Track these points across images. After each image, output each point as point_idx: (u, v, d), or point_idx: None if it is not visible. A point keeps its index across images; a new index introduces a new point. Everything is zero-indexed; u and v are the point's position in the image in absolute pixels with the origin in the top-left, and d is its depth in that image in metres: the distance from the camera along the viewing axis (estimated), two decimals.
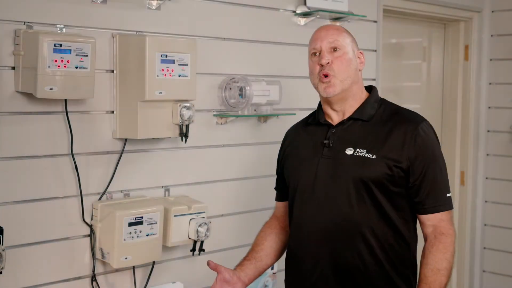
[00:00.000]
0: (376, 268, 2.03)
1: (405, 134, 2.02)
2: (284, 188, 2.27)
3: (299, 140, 2.23)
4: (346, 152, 2.05)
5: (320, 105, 2.20)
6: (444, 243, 2.01)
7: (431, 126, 2.10)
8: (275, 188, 2.37)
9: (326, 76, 2.05)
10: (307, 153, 2.14)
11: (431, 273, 1.98)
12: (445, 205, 2.05)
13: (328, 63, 2.06)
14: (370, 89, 2.19)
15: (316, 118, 2.18)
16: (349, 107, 2.11)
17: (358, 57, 2.13)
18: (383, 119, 2.09)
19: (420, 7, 3.89)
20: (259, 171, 3.02)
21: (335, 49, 2.07)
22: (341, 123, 2.12)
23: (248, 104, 2.77)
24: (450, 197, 2.07)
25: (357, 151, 2.04)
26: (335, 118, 2.13)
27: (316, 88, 2.11)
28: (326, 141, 2.10)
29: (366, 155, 2.02)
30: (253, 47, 2.96)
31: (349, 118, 2.11)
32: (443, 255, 2.00)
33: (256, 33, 2.96)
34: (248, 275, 2.19)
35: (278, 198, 2.36)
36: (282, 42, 3.07)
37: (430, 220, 2.04)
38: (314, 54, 2.11)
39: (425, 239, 2.06)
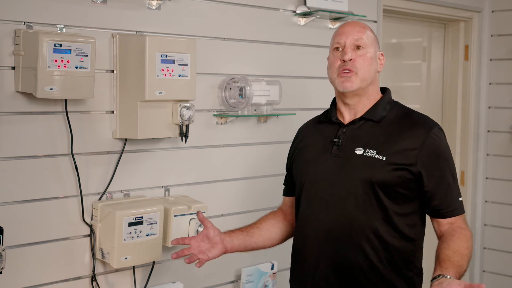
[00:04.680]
0: (379, 270, 2.02)
1: (417, 138, 2.01)
2: (291, 184, 2.27)
3: (309, 137, 2.23)
4: (356, 152, 2.05)
5: (333, 103, 2.19)
6: (465, 236, 2.00)
7: (442, 130, 2.09)
8: (284, 183, 2.37)
9: (347, 71, 2.05)
10: (316, 151, 2.14)
11: (454, 254, 1.92)
12: (459, 209, 2.06)
13: (351, 59, 2.05)
14: (384, 90, 2.18)
15: (328, 116, 2.18)
16: (362, 107, 2.11)
17: (379, 59, 2.13)
18: (394, 121, 2.08)
19: (420, 7, 3.89)
20: (259, 171, 3.02)
21: (358, 47, 2.06)
22: (352, 122, 2.11)
23: (248, 104, 2.77)
24: (462, 201, 2.08)
25: (367, 152, 2.03)
26: (346, 117, 2.13)
27: (333, 82, 2.10)
28: (336, 140, 2.10)
29: (376, 156, 2.01)
30: (253, 47, 2.96)
31: (361, 118, 2.10)
32: (465, 243, 1.97)
33: (256, 33, 2.96)
34: (232, 243, 2.20)
35: (284, 193, 2.36)
36: (282, 42, 3.07)
37: (446, 221, 2.04)
38: (337, 48, 2.10)
39: (442, 234, 2.03)
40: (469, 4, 4.18)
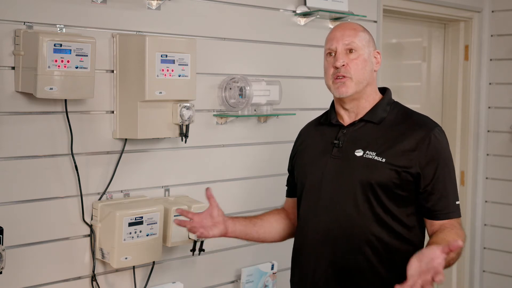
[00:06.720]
0: (379, 270, 2.02)
1: (417, 139, 2.00)
2: (293, 186, 2.27)
3: (310, 139, 2.22)
4: (356, 153, 2.04)
5: (332, 105, 2.19)
6: (457, 232, 1.97)
7: (443, 131, 2.08)
8: (286, 185, 2.37)
9: (341, 77, 2.04)
10: (317, 153, 2.14)
11: (441, 241, 1.87)
12: (455, 212, 2.03)
13: (343, 65, 2.04)
14: (384, 90, 2.17)
15: (328, 118, 2.18)
16: (362, 109, 2.10)
17: (375, 57, 2.11)
18: (394, 123, 2.07)
19: (420, 7, 3.89)
20: (259, 171, 3.02)
21: (350, 50, 2.05)
22: (352, 124, 2.10)
23: (248, 104, 2.77)
24: (459, 205, 2.05)
25: (367, 154, 2.03)
26: (346, 119, 2.12)
27: (329, 88, 2.10)
28: (336, 141, 2.09)
29: (376, 158, 2.01)
30: (253, 47, 2.96)
31: (361, 120, 2.09)
32: (455, 236, 1.93)
33: (256, 33, 2.96)
34: (234, 227, 2.17)
35: (287, 194, 2.36)
36: (282, 42, 3.07)
37: (440, 222, 2.02)
38: (330, 54, 2.09)
39: (434, 233, 2.01)
40: (469, 4, 4.18)
